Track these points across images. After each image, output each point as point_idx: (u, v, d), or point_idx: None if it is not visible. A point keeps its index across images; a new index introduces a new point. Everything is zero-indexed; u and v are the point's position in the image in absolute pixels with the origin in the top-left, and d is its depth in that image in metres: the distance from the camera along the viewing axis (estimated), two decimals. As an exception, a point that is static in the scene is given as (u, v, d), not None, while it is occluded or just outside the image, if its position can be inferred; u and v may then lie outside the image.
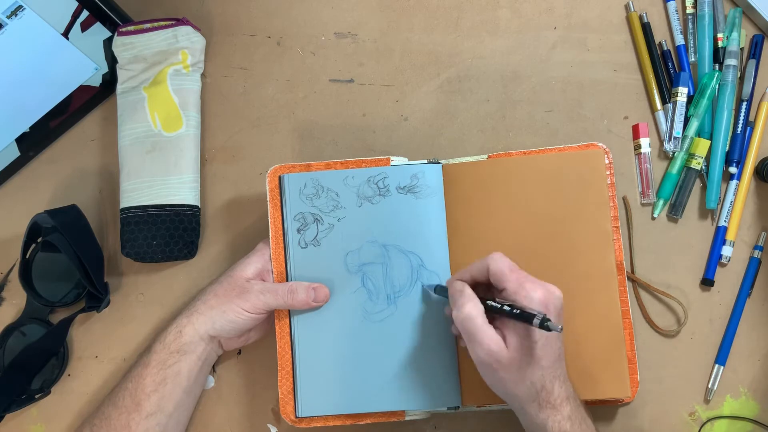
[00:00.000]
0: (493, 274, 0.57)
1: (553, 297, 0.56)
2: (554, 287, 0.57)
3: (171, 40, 0.71)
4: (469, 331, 0.56)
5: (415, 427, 0.69)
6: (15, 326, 0.70)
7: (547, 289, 0.56)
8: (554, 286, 0.57)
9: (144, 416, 0.62)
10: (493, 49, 0.74)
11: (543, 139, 0.72)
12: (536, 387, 0.56)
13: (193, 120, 0.72)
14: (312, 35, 0.75)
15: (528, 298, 0.55)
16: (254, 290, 0.63)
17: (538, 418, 0.56)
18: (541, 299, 0.55)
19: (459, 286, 0.59)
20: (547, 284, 0.57)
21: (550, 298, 0.55)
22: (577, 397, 0.58)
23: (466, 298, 0.57)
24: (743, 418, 0.68)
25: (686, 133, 0.70)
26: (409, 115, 0.74)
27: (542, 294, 0.55)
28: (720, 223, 0.70)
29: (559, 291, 0.57)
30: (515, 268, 0.57)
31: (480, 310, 0.57)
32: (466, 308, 0.57)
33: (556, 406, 0.56)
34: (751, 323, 0.69)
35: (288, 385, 0.65)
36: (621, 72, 0.73)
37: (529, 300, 0.55)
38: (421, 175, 0.66)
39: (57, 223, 0.66)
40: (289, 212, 0.66)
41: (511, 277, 0.56)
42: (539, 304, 0.55)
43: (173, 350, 0.63)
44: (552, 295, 0.56)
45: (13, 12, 0.65)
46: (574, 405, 0.57)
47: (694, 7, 0.73)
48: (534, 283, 0.56)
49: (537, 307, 0.55)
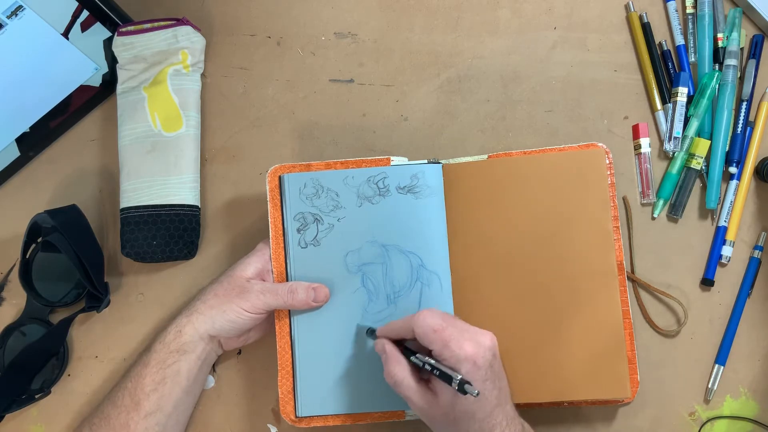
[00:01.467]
0: (418, 337, 0.56)
1: (483, 349, 0.54)
2: (486, 336, 0.55)
3: (171, 40, 0.71)
4: (399, 392, 0.57)
5: (415, 427, 0.68)
6: (15, 326, 0.70)
7: (476, 342, 0.54)
8: (485, 334, 0.55)
9: (143, 415, 0.62)
10: (493, 49, 0.74)
11: (543, 139, 0.72)
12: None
13: (193, 120, 0.72)
14: (312, 35, 0.75)
15: (455, 358, 0.54)
16: (254, 290, 0.63)
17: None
18: (469, 356, 0.54)
19: (380, 346, 0.59)
20: (477, 334, 0.55)
21: (480, 352, 0.54)
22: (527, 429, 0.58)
23: (390, 361, 0.57)
24: (743, 418, 0.68)
25: (686, 133, 0.70)
26: (409, 115, 0.74)
27: (470, 350, 0.54)
28: (720, 223, 0.70)
29: (491, 339, 0.55)
30: (440, 326, 0.55)
31: (405, 370, 0.57)
32: (392, 373, 0.57)
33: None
34: (751, 323, 0.69)
35: (288, 384, 0.65)
36: (621, 72, 0.73)
37: (455, 360, 0.54)
38: (421, 175, 0.66)
39: (57, 223, 0.66)
40: (289, 212, 0.66)
41: (435, 338, 0.55)
42: (466, 362, 0.53)
43: (173, 350, 0.63)
44: (481, 347, 0.54)
45: (13, 12, 0.65)
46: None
47: (694, 7, 0.73)
48: (460, 340, 0.54)
49: (465, 365, 0.53)
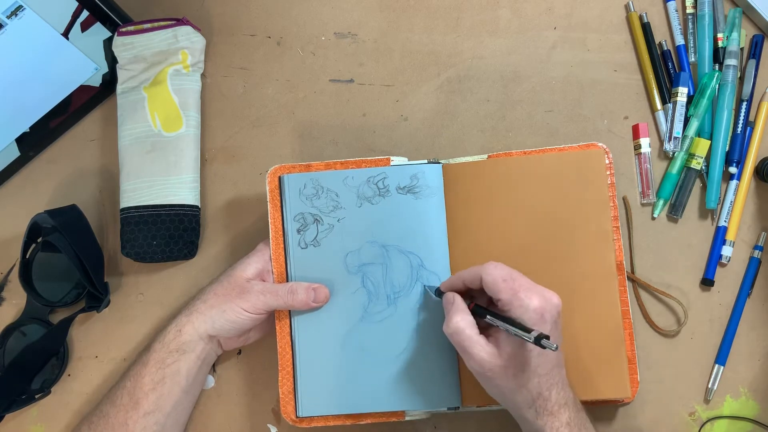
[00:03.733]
0: (486, 285, 0.56)
1: (550, 305, 0.54)
2: (552, 294, 0.55)
3: (171, 40, 0.71)
4: (458, 344, 0.56)
5: (415, 427, 0.69)
6: (15, 326, 0.70)
7: (543, 297, 0.54)
8: (552, 293, 0.55)
9: (142, 414, 0.62)
10: (493, 49, 0.74)
11: (543, 139, 0.72)
12: (532, 394, 0.55)
13: (193, 120, 0.72)
14: (312, 35, 0.75)
15: (523, 308, 0.54)
16: (254, 290, 0.63)
17: (535, 425, 0.56)
18: (537, 308, 0.54)
19: (450, 297, 0.59)
20: (545, 291, 0.55)
21: (547, 307, 0.54)
22: (578, 403, 0.58)
23: (454, 310, 0.57)
24: (743, 418, 0.68)
25: (686, 133, 0.70)
26: (409, 115, 0.74)
27: (538, 303, 0.54)
28: (720, 223, 0.70)
29: (557, 298, 0.55)
30: (510, 276, 0.55)
31: (469, 321, 0.56)
32: (454, 321, 0.56)
33: (554, 413, 0.55)
34: (751, 323, 0.69)
35: (288, 384, 0.65)
36: (621, 72, 0.73)
37: (524, 310, 0.54)
38: (421, 175, 0.66)
39: (57, 223, 0.66)
40: (289, 212, 0.66)
41: (504, 287, 0.55)
42: (534, 313, 0.53)
43: (172, 349, 0.63)
44: (549, 303, 0.54)
45: (13, 12, 0.65)
46: (574, 411, 0.56)
47: (694, 7, 0.73)
48: (529, 291, 0.54)
49: (532, 316, 0.53)
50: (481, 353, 0.55)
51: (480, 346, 0.55)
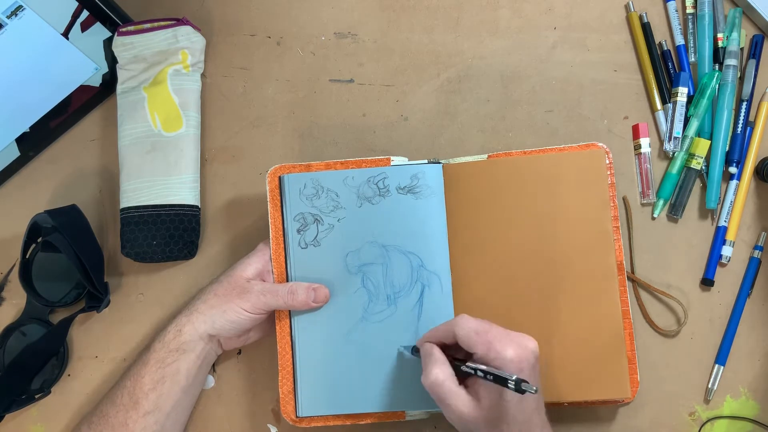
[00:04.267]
0: (460, 339, 0.56)
1: (527, 352, 0.54)
2: (527, 339, 0.55)
3: (171, 40, 0.71)
4: (437, 395, 0.56)
5: (415, 427, 0.69)
6: (15, 326, 0.70)
7: (519, 344, 0.54)
8: (527, 338, 0.55)
9: (142, 414, 0.62)
10: (493, 49, 0.74)
11: (543, 139, 0.72)
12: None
13: (193, 120, 0.72)
14: (312, 35, 0.75)
15: (500, 359, 0.53)
16: (254, 291, 0.63)
17: None
18: (513, 357, 0.53)
19: (428, 349, 0.58)
20: (520, 337, 0.55)
21: (524, 355, 0.54)
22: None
23: (433, 362, 0.57)
24: (743, 418, 0.68)
25: (686, 133, 0.70)
26: (409, 115, 0.74)
27: (514, 352, 0.53)
28: (720, 223, 0.70)
29: (533, 342, 0.55)
30: (482, 328, 0.55)
31: (448, 373, 0.56)
32: (433, 373, 0.56)
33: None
34: (751, 323, 0.69)
35: (288, 384, 0.65)
36: (621, 72, 0.73)
37: (501, 361, 0.53)
38: (422, 175, 0.66)
39: (57, 223, 0.66)
40: (289, 212, 0.66)
41: (478, 339, 0.55)
42: (512, 364, 0.53)
43: (172, 349, 0.63)
44: (525, 350, 0.54)
45: (13, 12, 0.65)
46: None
47: (694, 7, 0.73)
48: (503, 341, 0.54)
49: (510, 367, 0.53)
50: (461, 406, 0.55)
51: (460, 398, 0.55)
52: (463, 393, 0.55)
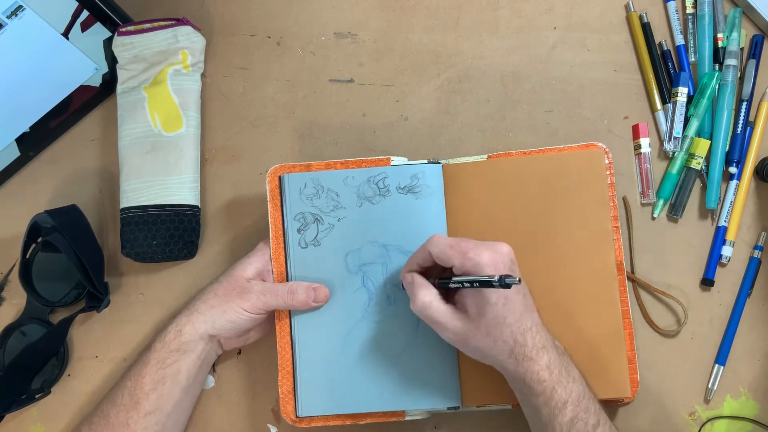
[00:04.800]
0: (435, 257, 0.58)
1: (500, 254, 0.56)
2: (501, 244, 0.57)
3: (171, 40, 0.71)
4: (428, 318, 0.58)
5: (415, 427, 0.69)
6: (15, 326, 0.70)
7: (492, 249, 0.56)
8: (501, 243, 0.57)
9: (142, 414, 0.62)
10: (493, 49, 0.74)
11: (543, 139, 0.72)
12: (509, 344, 0.56)
13: (193, 120, 0.72)
14: (312, 35, 0.75)
15: (476, 265, 0.55)
16: (254, 290, 0.63)
17: (517, 373, 0.57)
18: (488, 261, 0.55)
19: (409, 278, 0.60)
20: (493, 244, 0.57)
21: (498, 258, 0.56)
22: (559, 347, 0.58)
23: (417, 288, 0.58)
24: (743, 418, 0.68)
25: (686, 133, 0.70)
26: (409, 115, 0.74)
27: (489, 256, 0.56)
28: (720, 223, 0.70)
29: (508, 247, 0.57)
30: (455, 242, 0.57)
31: (433, 294, 0.58)
32: (419, 297, 0.58)
33: (533, 358, 0.56)
34: (751, 323, 0.69)
35: (288, 384, 0.65)
36: (621, 72, 0.73)
37: (477, 267, 0.55)
38: (421, 175, 0.66)
39: (57, 223, 0.66)
40: (290, 212, 0.66)
41: (453, 252, 0.57)
42: (487, 267, 0.55)
43: (173, 349, 0.63)
44: (499, 253, 0.56)
45: (13, 12, 0.65)
46: (554, 354, 0.57)
47: (694, 7, 0.73)
48: (477, 248, 0.56)
49: (486, 270, 0.55)
50: (453, 322, 0.57)
51: (449, 314, 0.57)
52: (452, 308, 0.58)
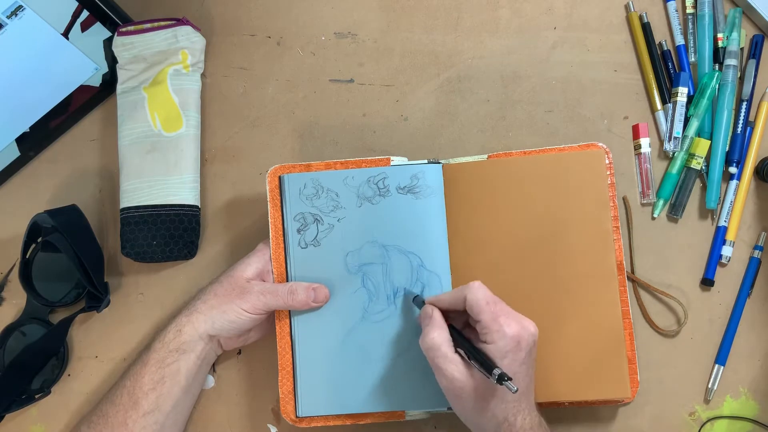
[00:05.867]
0: (469, 304, 0.57)
1: (527, 333, 0.55)
2: (530, 322, 0.56)
3: (171, 40, 0.71)
4: (432, 359, 0.57)
5: (415, 427, 0.69)
6: (15, 326, 0.70)
7: (522, 325, 0.55)
8: (530, 321, 0.56)
9: (141, 414, 0.62)
10: (493, 49, 0.74)
11: (543, 139, 0.72)
12: (498, 419, 0.56)
13: (193, 120, 0.72)
14: (312, 35, 0.75)
15: (500, 333, 0.55)
16: (254, 291, 0.63)
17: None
18: (514, 335, 0.55)
19: (429, 311, 0.59)
20: (524, 319, 0.56)
21: (524, 335, 0.55)
22: (544, 425, 0.58)
23: (432, 326, 0.58)
24: (743, 418, 0.68)
25: (686, 133, 0.70)
26: (409, 115, 0.74)
27: (516, 330, 0.55)
28: (720, 223, 0.70)
29: (535, 327, 0.56)
30: (493, 300, 0.57)
31: (446, 338, 0.57)
32: (430, 336, 0.57)
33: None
34: (751, 323, 0.69)
35: (288, 384, 0.65)
36: (621, 72, 0.73)
37: (501, 335, 0.55)
38: (421, 175, 0.66)
39: (57, 223, 0.66)
40: (289, 212, 0.66)
41: (487, 309, 0.56)
42: (511, 340, 0.54)
43: (172, 349, 0.63)
44: (526, 331, 0.55)
45: (13, 12, 0.65)
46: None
47: (694, 7, 0.73)
48: (509, 318, 0.55)
49: (509, 342, 0.54)
50: (454, 372, 0.56)
51: (454, 364, 0.56)
52: (458, 359, 0.56)
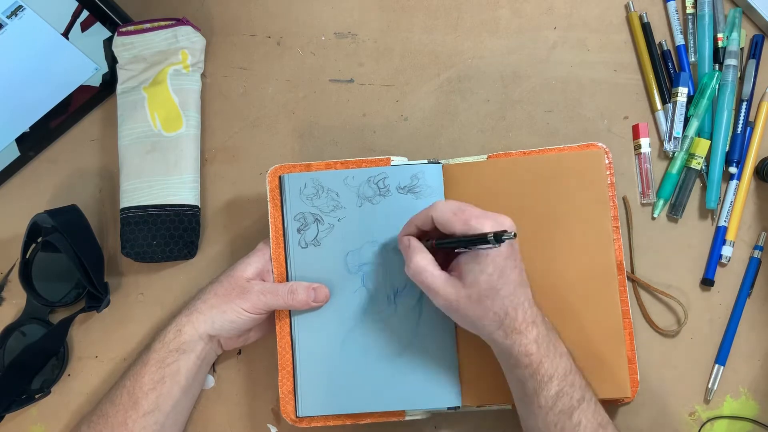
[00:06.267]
0: (438, 222, 0.57)
1: (503, 227, 0.55)
2: (504, 217, 0.56)
3: (171, 40, 0.71)
4: (422, 282, 0.58)
5: (415, 427, 0.69)
6: (15, 326, 0.70)
7: (495, 220, 0.55)
8: (504, 216, 0.56)
9: (141, 414, 0.62)
10: (493, 49, 0.74)
11: (543, 139, 0.72)
12: (499, 315, 0.56)
13: (193, 120, 0.72)
14: (312, 35, 0.75)
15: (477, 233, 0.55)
16: (254, 290, 0.63)
17: (504, 345, 0.56)
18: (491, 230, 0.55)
19: (405, 242, 0.60)
20: (497, 215, 0.56)
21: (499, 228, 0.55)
22: (548, 323, 0.58)
23: (412, 251, 0.58)
24: (743, 418, 0.68)
25: (686, 133, 0.70)
26: (409, 115, 0.74)
27: (491, 226, 0.55)
28: (720, 223, 0.70)
29: (510, 220, 0.56)
30: (459, 208, 0.56)
31: (429, 259, 0.58)
32: (414, 261, 0.58)
33: (522, 331, 0.56)
34: (751, 323, 0.69)
35: (288, 384, 0.65)
36: (621, 72, 0.73)
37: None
38: (421, 175, 0.66)
39: (57, 223, 0.66)
40: (290, 212, 0.66)
41: (456, 219, 0.56)
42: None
43: (172, 349, 0.63)
44: (501, 225, 0.55)
45: (13, 12, 0.65)
46: (543, 329, 0.57)
47: (694, 7, 0.73)
48: (480, 218, 0.55)
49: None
50: (445, 287, 0.57)
51: (442, 279, 0.57)
52: (446, 275, 0.57)
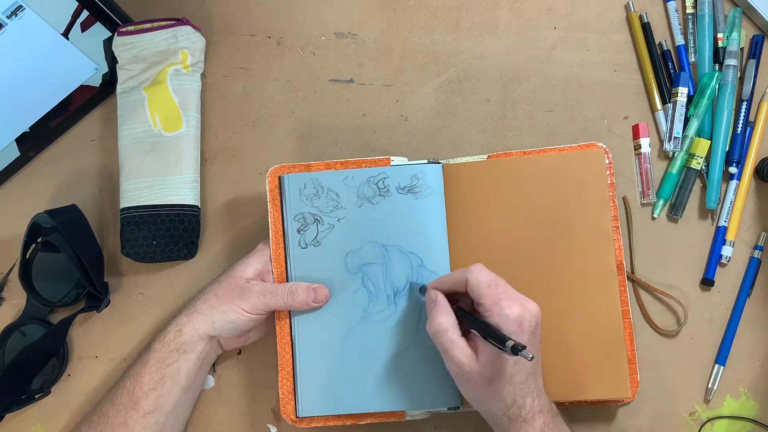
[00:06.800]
0: (470, 287, 0.57)
1: (529, 314, 0.55)
2: (532, 303, 0.56)
3: (171, 40, 0.71)
4: (440, 344, 0.57)
5: (415, 427, 0.69)
6: (15, 326, 0.70)
7: (524, 306, 0.55)
8: (533, 303, 0.56)
9: (142, 414, 0.62)
10: (493, 49, 0.74)
11: (543, 139, 0.72)
12: (506, 401, 0.56)
13: (193, 120, 0.72)
14: (312, 35, 0.75)
15: (503, 316, 0.54)
16: (254, 291, 0.63)
17: (507, 431, 0.56)
18: (516, 317, 0.54)
19: (433, 296, 0.59)
20: (526, 300, 0.56)
21: (526, 316, 0.55)
22: (554, 409, 0.58)
23: (438, 310, 0.58)
24: (743, 418, 0.68)
25: (686, 133, 0.70)
26: (409, 115, 0.74)
27: (518, 311, 0.54)
28: (720, 223, 0.70)
29: (537, 308, 0.56)
30: (494, 282, 0.56)
31: (452, 322, 0.57)
32: (437, 321, 0.57)
33: (528, 420, 0.55)
34: (751, 323, 0.69)
35: (288, 385, 0.65)
36: (621, 72, 0.73)
37: (503, 318, 0.54)
38: (421, 175, 0.66)
39: (57, 223, 0.66)
40: (289, 212, 0.66)
41: (488, 292, 0.56)
42: (513, 323, 0.54)
43: (172, 349, 0.63)
44: (528, 312, 0.55)
45: (13, 12, 0.65)
46: (549, 417, 0.56)
47: (694, 7, 0.73)
48: (511, 300, 0.55)
49: (511, 325, 0.54)
50: (461, 356, 0.56)
51: (460, 348, 0.56)
52: (464, 343, 0.56)
